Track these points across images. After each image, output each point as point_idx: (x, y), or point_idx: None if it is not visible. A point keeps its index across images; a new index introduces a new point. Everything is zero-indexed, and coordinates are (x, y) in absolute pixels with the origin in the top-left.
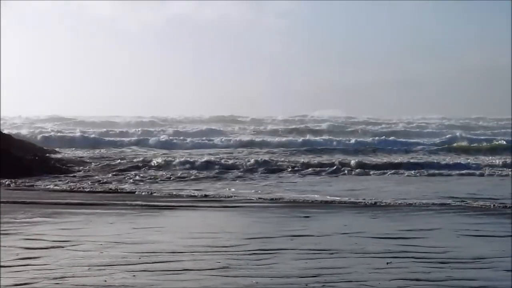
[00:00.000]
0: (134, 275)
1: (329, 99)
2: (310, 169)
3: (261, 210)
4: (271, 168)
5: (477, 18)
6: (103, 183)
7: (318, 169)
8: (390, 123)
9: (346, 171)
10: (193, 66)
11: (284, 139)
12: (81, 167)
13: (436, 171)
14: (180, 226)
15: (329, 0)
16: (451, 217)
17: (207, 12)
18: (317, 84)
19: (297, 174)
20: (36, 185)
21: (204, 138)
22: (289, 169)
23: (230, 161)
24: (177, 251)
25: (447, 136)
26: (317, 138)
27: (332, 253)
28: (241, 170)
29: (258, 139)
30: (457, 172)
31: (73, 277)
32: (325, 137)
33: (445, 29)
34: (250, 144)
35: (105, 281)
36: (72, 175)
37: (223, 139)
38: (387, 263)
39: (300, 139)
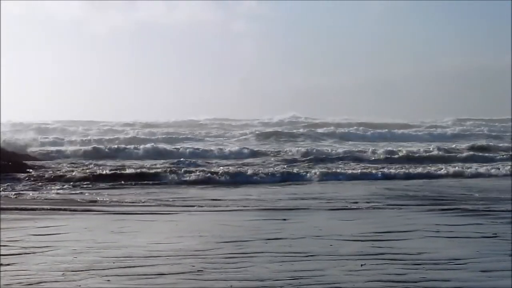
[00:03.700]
0: (108, 280)
1: (301, 102)
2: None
3: (236, 213)
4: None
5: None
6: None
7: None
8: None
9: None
10: (163, 69)
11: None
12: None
13: None
14: (154, 231)
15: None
16: (426, 218)
17: (177, 14)
18: (289, 87)
19: None
20: (7, 191)
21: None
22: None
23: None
24: (151, 255)
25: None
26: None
27: (306, 256)
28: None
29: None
30: None
31: (47, 282)
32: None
33: (419, 31)
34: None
35: (80, 286)
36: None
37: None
38: (362, 265)
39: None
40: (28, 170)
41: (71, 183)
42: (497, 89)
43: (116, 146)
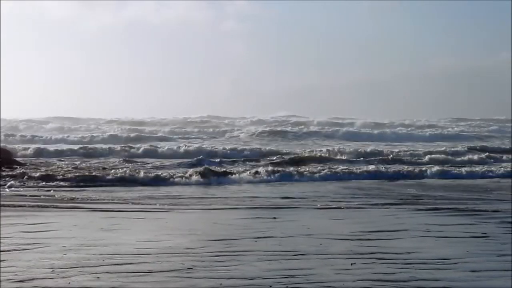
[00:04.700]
0: (98, 277)
1: (292, 102)
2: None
3: (226, 211)
4: None
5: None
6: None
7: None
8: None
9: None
10: (152, 67)
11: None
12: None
13: None
14: (144, 229)
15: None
16: (415, 218)
17: (167, 13)
18: (278, 87)
19: None
20: None
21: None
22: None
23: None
24: (141, 253)
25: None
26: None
27: (296, 255)
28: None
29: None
30: None
31: (36, 279)
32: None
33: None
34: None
35: (69, 283)
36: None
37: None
38: (351, 264)
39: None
40: (18, 166)
41: (61, 181)
42: (487, 89)
43: (135, 145)
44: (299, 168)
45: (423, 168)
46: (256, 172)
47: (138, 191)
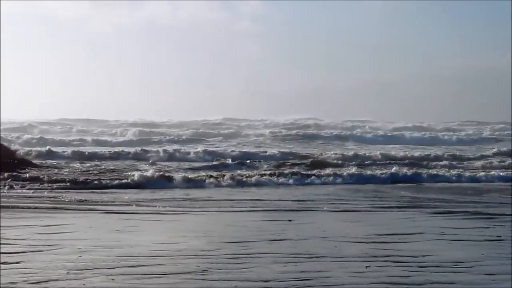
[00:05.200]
0: (113, 279)
1: (304, 103)
2: None
3: (241, 214)
4: None
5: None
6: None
7: None
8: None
9: None
10: (168, 69)
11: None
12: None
13: None
14: (159, 230)
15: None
16: (430, 221)
17: (182, 14)
18: (293, 89)
19: None
20: (12, 189)
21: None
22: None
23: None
24: (155, 255)
25: None
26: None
27: (311, 257)
28: None
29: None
30: None
31: (52, 280)
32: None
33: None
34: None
35: (84, 285)
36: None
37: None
38: (366, 266)
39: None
40: (33, 168)
41: (77, 183)
42: (497, 92)
43: (156, 149)
44: (318, 171)
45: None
46: (274, 175)
47: (151, 193)
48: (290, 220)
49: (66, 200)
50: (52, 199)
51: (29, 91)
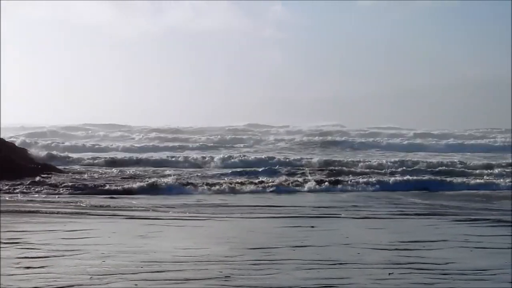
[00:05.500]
0: (136, 284)
1: (327, 110)
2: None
3: (264, 220)
4: None
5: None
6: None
7: None
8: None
9: None
10: (191, 75)
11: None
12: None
13: None
14: (182, 236)
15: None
16: (454, 228)
17: (204, 21)
18: (315, 95)
19: None
20: (35, 194)
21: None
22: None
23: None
24: (179, 260)
25: None
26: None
27: (334, 264)
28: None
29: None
30: None
31: (75, 285)
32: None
33: (444, 41)
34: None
35: None
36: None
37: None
38: (389, 273)
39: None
40: (56, 173)
41: (99, 188)
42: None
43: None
44: (340, 178)
45: None
46: (297, 181)
47: (174, 199)
48: (312, 227)
49: (89, 206)
50: (75, 204)
51: (53, 96)
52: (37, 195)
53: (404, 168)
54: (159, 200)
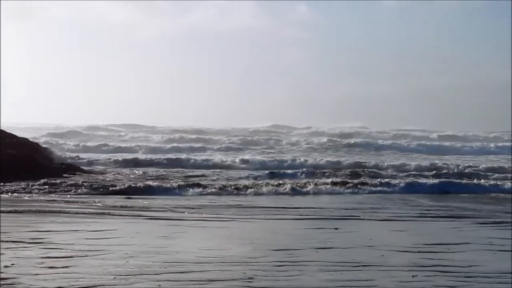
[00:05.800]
0: (159, 285)
1: (348, 111)
2: None
3: (287, 221)
4: None
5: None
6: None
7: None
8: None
9: None
10: (213, 75)
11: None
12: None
13: None
14: (206, 237)
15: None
16: (478, 231)
17: (227, 21)
18: (335, 95)
19: None
20: (60, 193)
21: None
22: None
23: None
24: (202, 261)
25: None
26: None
27: (357, 266)
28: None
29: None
30: None
31: (98, 285)
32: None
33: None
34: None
35: None
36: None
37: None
38: (413, 276)
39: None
40: (80, 173)
41: (123, 189)
42: None
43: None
44: (364, 180)
45: None
46: (320, 183)
47: (197, 200)
48: (336, 228)
49: (113, 206)
50: (99, 204)
51: (77, 96)
52: (59, 195)
53: (435, 171)
54: (182, 201)
